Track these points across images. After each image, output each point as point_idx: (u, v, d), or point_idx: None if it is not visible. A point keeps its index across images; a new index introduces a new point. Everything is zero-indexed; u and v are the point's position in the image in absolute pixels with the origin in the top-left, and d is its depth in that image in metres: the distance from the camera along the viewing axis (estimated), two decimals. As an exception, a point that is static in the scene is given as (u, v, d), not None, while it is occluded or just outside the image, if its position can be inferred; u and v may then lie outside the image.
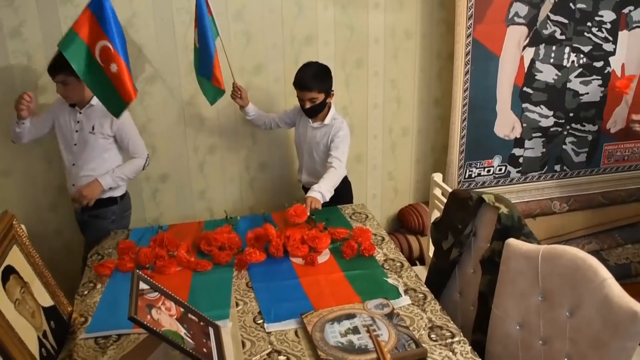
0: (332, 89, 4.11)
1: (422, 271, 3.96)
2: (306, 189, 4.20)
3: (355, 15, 4.74)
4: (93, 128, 3.88)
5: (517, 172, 5.14)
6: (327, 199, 3.88)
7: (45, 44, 4.13)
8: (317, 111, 4.10)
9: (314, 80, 3.99)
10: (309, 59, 4.49)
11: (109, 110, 3.62)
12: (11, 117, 3.82)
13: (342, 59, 4.80)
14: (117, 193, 4.12)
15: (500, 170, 5.09)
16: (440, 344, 2.55)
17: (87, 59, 3.45)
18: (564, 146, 5.14)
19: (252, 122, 4.49)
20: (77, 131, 3.90)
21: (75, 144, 3.93)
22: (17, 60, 4.12)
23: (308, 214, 3.71)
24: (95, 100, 3.82)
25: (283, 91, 4.74)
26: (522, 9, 4.65)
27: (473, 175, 5.04)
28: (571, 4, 4.73)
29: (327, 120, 4.14)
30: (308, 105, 4.02)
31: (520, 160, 5.10)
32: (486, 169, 5.05)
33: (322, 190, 3.83)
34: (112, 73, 3.46)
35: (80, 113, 3.88)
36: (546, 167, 5.17)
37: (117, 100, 3.52)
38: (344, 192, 4.35)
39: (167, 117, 4.60)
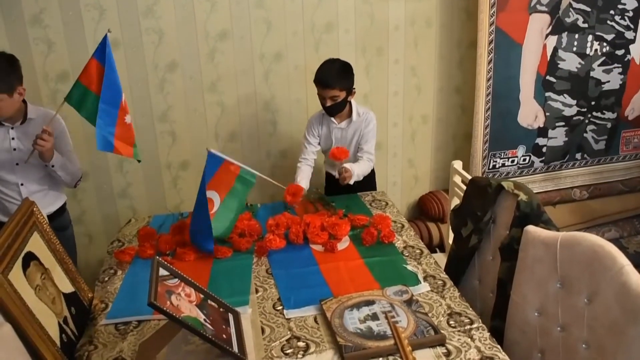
0: (354, 87, 4.03)
1: (442, 258, 3.96)
2: (331, 177, 4.18)
3: (375, 3, 4.74)
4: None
5: (541, 161, 5.12)
6: (353, 181, 3.92)
7: (66, 30, 4.15)
8: (338, 109, 4.00)
9: (336, 78, 3.88)
10: (329, 47, 4.50)
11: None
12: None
13: (362, 47, 4.80)
14: (52, 208, 3.79)
15: (524, 160, 5.07)
16: (459, 331, 2.56)
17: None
18: (584, 134, 5.11)
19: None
20: (15, 149, 3.53)
21: (17, 164, 3.56)
22: (38, 48, 4.14)
23: (339, 174, 3.80)
24: (34, 114, 3.55)
25: (303, 79, 4.75)
26: (544, -4, 4.62)
27: (497, 166, 5.02)
28: (593, -9, 4.70)
29: (353, 118, 4.08)
30: (329, 103, 3.92)
31: (544, 149, 5.07)
32: (510, 159, 5.03)
33: (355, 170, 3.87)
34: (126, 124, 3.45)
35: (12, 129, 3.51)
36: (568, 156, 5.14)
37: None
38: (370, 180, 4.36)
39: (188, 104, 4.61)
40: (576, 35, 4.79)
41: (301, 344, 2.52)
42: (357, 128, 4.10)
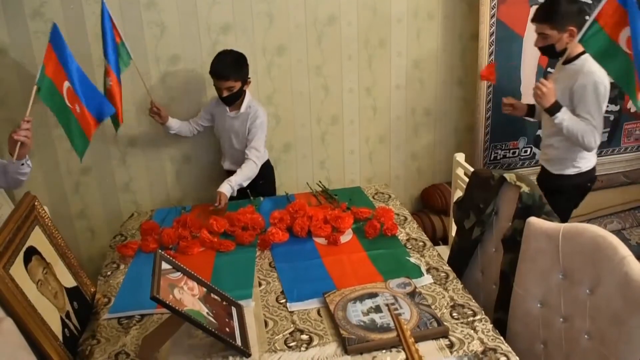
0: (249, 77, 4.17)
1: (444, 250, 3.96)
2: (230, 173, 4.22)
3: (377, -5, 4.74)
4: None
5: (543, 153, 5.11)
6: (235, 193, 3.99)
7: (67, 23, 4.14)
8: (234, 99, 4.12)
9: (231, 69, 3.99)
10: (332, 40, 4.49)
11: (75, 149, 3.48)
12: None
13: (365, 40, 4.79)
14: None
15: (525, 151, 5.06)
16: (462, 322, 2.56)
17: (58, 99, 3.35)
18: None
19: (178, 134, 4.46)
20: None
21: None
22: (39, 41, 4.13)
23: (215, 207, 3.81)
24: None
25: (306, 72, 4.74)
26: (545, -12, 4.60)
27: (498, 157, 5.01)
28: (595, -17, 4.68)
29: (242, 109, 4.18)
30: (226, 93, 4.01)
31: (546, 141, 5.06)
32: (511, 151, 5.02)
33: (233, 184, 3.93)
34: (77, 114, 3.44)
35: None
36: (570, 148, 5.13)
37: (82, 140, 3.49)
38: (266, 175, 4.44)
39: (189, 98, 4.60)
40: (578, 27, 4.77)
41: (304, 336, 2.53)
42: (244, 119, 4.19)
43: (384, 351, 2.40)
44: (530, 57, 4.66)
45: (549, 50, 3.69)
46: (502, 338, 2.47)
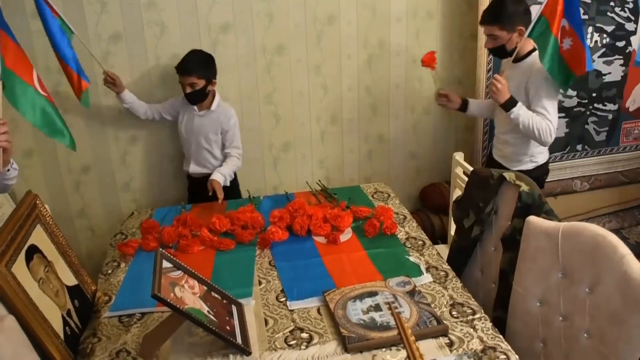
0: (215, 78, 4.21)
1: (444, 249, 3.96)
2: (193, 179, 4.31)
3: (377, -6, 4.74)
4: None
5: (541, 152, 5.11)
6: (228, 183, 4.09)
7: (68, 21, 4.15)
8: (197, 97, 4.14)
9: (195, 66, 4.04)
10: (331, 39, 4.50)
11: (63, 143, 3.32)
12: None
13: (364, 39, 4.79)
14: None
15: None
16: (461, 321, 2.57)
17: (26, 91, 3.05)
18: (586, 126, 5.10)
19: (130, 110, 4.36)
20: None
21: None
22: (40, 40, 4.14)
23: (210, 194, 3.92)
24: None
25: (305, 71, 4.74)
26: (545, -12, 4.61)
27: (496, 156, 5.02)
28: (593, -17, 4.70)
29: (212, 107, 4.22)
30: (188, 90, 4.04)
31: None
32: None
33: (224, 173, 4.04)
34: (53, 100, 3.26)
35: None
36: (569, 147, 5.13)
37: (65, 130, 3.34)
38: (233, 186, 4.44)
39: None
40: (577, 27, 4.79)
41: (304, 335, 2.54)
42: (215, 119, 4.22)
43: (383, 349, 2.40)
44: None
45: (499, 50, 3.79)
46: (501, 337, 2.48)
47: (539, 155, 3.95)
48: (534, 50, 3.77)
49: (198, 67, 4.05)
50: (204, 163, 4.28)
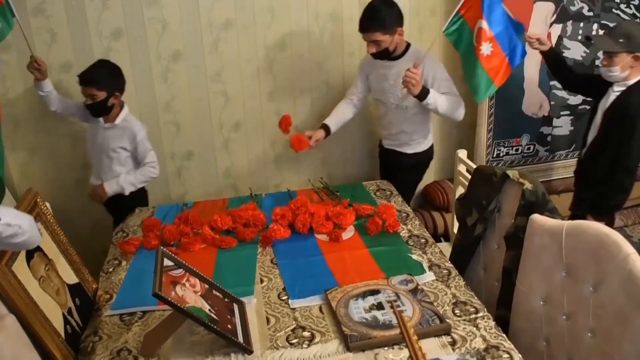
0: (120, 92, 3.95)
1: (446, 247, 3.96)
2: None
3: (379, -9, 4.72)
4: None
5: (546, 150, 5.09)
6: (127, 192, 3.99)
7: (69, 20, 4.14)
8: (98, 109, 3.89)
9: (96, 77, 3.82)
10: (333, 36, 4.50)
11: None
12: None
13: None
14: None
15: (528, 149, 5.05)
16: (464, 320, 2.56)
17: None
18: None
19: (43, 99, 4.11)
20: None
21: None
22: (41, 38, 4.13)
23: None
24: None
25: (308, 69, 4.73)
26: (549, -15, 4.60)
27: (501, 155, 5.00)
28: (598, -21, 4.68)
29: (117, 121, 3.96)
30: (88, 101, 3.84)
31: (549, 138, 5.05)
32: (514, 148, 5.01)
33: (121, 181, 3.97)
34: None
35: None
36: (573, 145, 5.12)
37: None
38: (141, 194, 4.25)
39: (192, 94, 4.60)
40: (581, 24, 4.76)
41: (306, 333, 2.53)
42: (121, 134, 3.98)
43: (386, 348, 2.39)
44: (533, 53, 4.64)
45: (383, 54, 3.97)
46: (504, 335, 2.47)
47: (429, 134, 4.34)
48: (408, 45, 4.09)
49: (100, 78, 3.82)
50: (104, 178, 4.08)
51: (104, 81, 3.83)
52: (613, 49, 3.60)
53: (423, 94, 3.79)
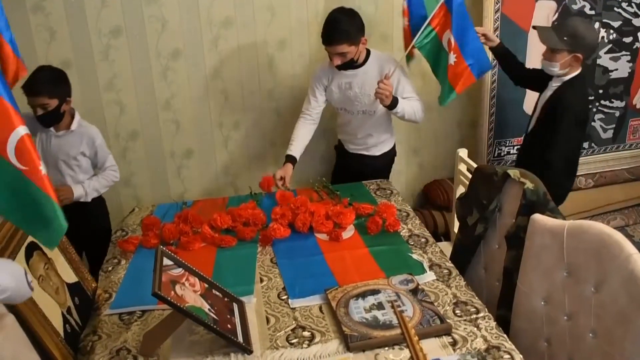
0: (70, 96, 3.74)
1: (447, 247, 3.95)
2: (64, 206, 4.00)
3: (380, -11, 4.72)
4: None
5: (547, 150, 5.10)
6: (89, 199, 3.83)
7: (68, 17, 4.13)
8: (51, 119, 3.65)
9: (44, 85, 3.56)
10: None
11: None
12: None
13: (367, 34, 4.75)
14: None
15: (530, 148, 5.05)
16: (465, 320, 2.55)
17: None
18: (592, 123, 5.07)
19: None
20: None
21: None
22: (40, 36, 4.12)
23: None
24: None
25: (307, 67, 4.72)
26: (550, -17, 4.59)
27: (502, 154, 5.00)
28: (600, -22, 4.67)
29: (73, 126, 3.77)
30: (40, 112, 3.57)
31: (550, 138, 5.05)
32: (516, 148, 4.99)
33: (87, 186, 3.81)
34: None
35: None
36: (574, 145, 5.12)
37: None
38: (100, 205, 4.12)
39: (191, 93, 4.60)
40: (582, 23, 4.76)
41: (306, 333, 2.52)
42: (77, 141, 3.79)
43: (386, 348, 2.39)
44: (535, 52, 4.63)
45: (348, 64, 3.98)
46: (505, 335, 2.46)
47: (391, 133, 4.44)
48: (368, 52, 4.09)
49: (48, 85, 3.57)
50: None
51: (53, 88, 3.61)
52: (556, 46, 3.62)
53: (393, 103, 3.86)
